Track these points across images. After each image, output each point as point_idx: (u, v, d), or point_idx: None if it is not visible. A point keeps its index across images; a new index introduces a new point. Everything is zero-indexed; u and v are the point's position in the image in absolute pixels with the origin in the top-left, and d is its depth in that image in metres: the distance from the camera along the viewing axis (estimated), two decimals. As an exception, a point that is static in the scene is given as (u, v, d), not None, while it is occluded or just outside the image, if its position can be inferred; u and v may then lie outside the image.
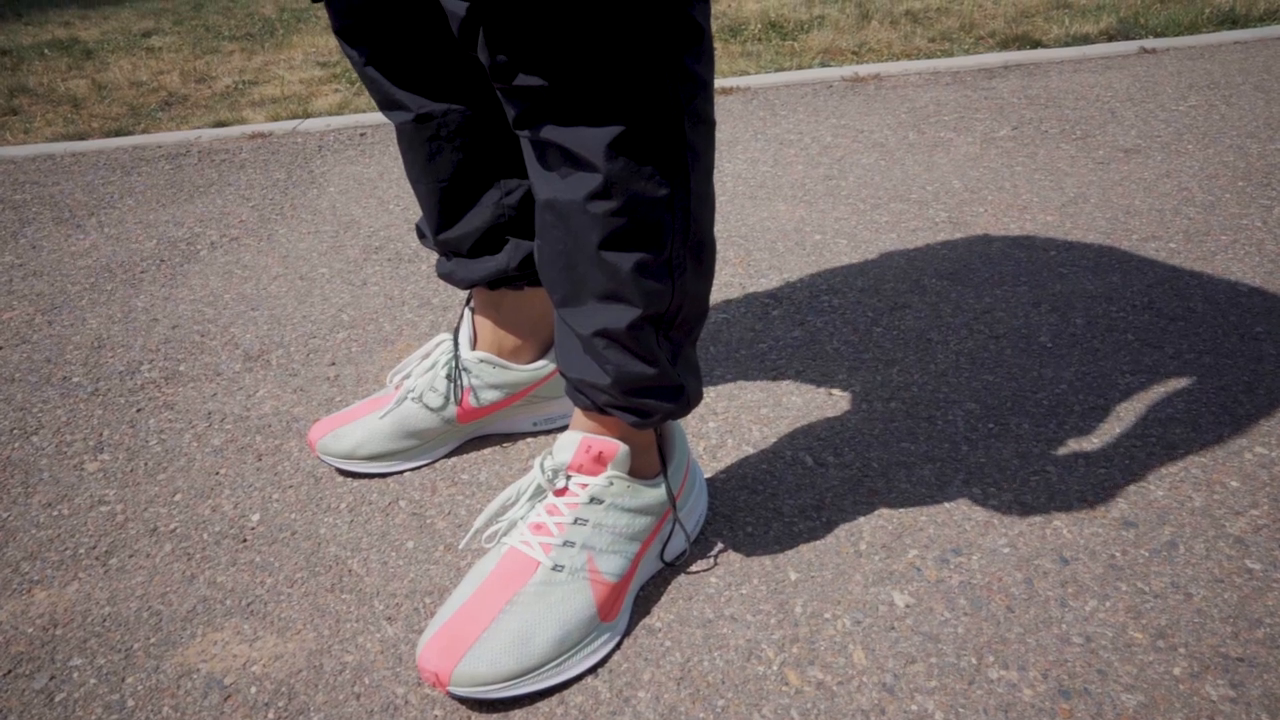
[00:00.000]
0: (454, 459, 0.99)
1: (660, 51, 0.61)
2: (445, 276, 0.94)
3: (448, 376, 0.97)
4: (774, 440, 0.99)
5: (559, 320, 0.73)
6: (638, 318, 0.68)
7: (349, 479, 0.98)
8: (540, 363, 0.99)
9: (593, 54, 0.59)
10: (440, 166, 0.87)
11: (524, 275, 0.92)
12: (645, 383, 0.71)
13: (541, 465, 0.77)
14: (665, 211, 0.65)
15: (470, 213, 0.90)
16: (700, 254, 0.70)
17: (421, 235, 0.97)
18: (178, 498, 0.97)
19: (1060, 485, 0.89)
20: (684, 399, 0.75)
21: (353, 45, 0.82)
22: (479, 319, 0.97)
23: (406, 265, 1.47)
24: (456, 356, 0.97)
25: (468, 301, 0.98)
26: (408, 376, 1.00)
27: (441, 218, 0.90)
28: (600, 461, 0.76)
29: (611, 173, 0.63)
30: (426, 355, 1.00)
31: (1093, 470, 0.91)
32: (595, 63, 0.60)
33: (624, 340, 0.69)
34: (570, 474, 0.76)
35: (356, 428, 0.97)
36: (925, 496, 0.89)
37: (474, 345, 0.98)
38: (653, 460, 0.80)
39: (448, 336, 0.99)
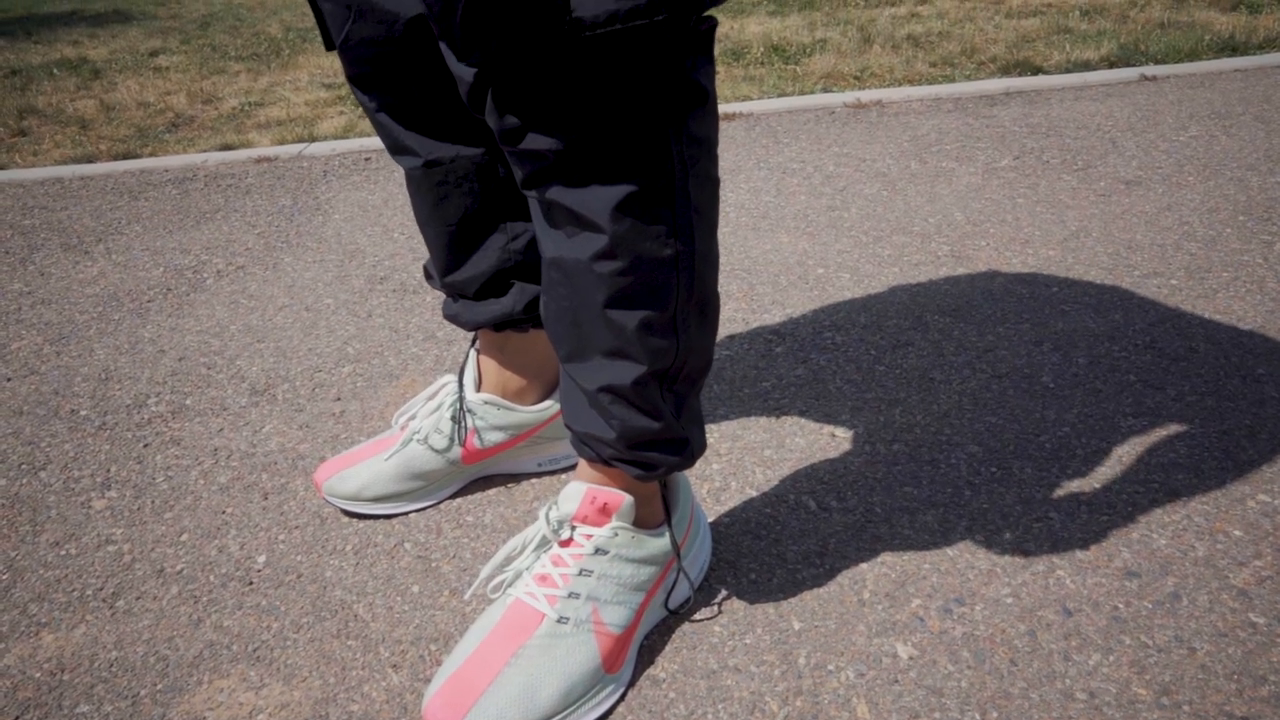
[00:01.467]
0: (459, 500, 1.00)
1: (665, 114, 0.62)
2: (451, 318, 0.95)
3: (453, 418, 0.98)
4: (777, 483, 0.99)
5: (564, 374, 0.74)
6: (643, 374, 0.69)
7: (354, 520, 0.98)
8: (545, 404, 0.99)
9: (598, 118, 0.60)
10: (448, 211, 0.88)
11: (529, 319, 0.93)
12: (650, 437, 0.72)
13: (547, 516, 0.77)
14: (670, 271, 0.66)
15: (476, 256, 0.90)
16: (704, 310, 0.71)
17: (429, 276, 0.97)
18: (184, 537, 0.98)
19: (1063, 532, 0.90)
20: (688, 452, 0.75)
21: (365, 92, 0.84)
22: (484, 360, 0.98)
23: (411, 297, 1.48)
24: (461, 398, 0.98)
25: (473, 342, 0.99)
26: (413, 418, 1.01)
27: (448, 261, 0.91)
28: (605, 512, 0.76)
29: (617, 234, 0.64)
30: (431, 396, 1.00)
31: (1095, 517, 0.91)
32: (601, 126, 0.60)
33: (629, 396, 0.70)
34: (575, 525, 0.77)
35: (362, 469, 0.97)
36: (928, 543, 0.90)
37: (479, 387, 0.98)
38: (656, 509, 0.81)
39: (453, 378, 0.99)
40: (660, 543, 0.79)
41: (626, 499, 0.76)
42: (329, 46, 0.82)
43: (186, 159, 2.32)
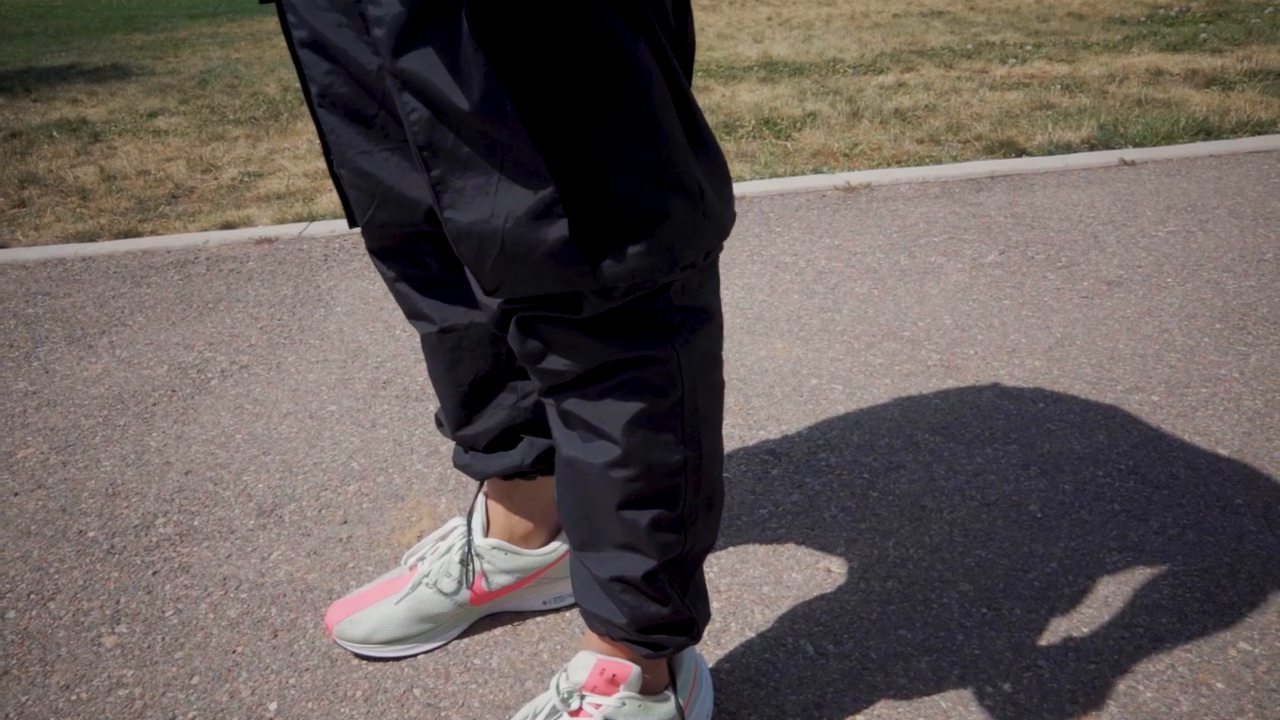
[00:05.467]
0: (466, 640, 1.02)
1: (675, 337, 0.66)
2: (462, 468, 0.98)
3: (461, 561, 1.01)
4: (775, 623, 1.02)
5: (575, 558, 0.77)
6: (653, 568, 0.72)
7: (364, 663, 1.00)
8: (551, 546, 1.02)
9: (614, 345, 0.64)
10: (461, 373, 0.91)
11: (537, 470, 0.96)
12: (660, 621, 0.75)
13: (557, 686, 0.80)
14: (680, 475, 0.70)
15: (486, 412, 0.94)
16: (711, 502, 0.74)
17: (439, 425, 1.01)
18: (195, 680, 1.00)
19: (1052, 683, 0.93)
20: (695, 631, 0.78)
21: (385, 262, 0.87)
22: (492, 505, 1.01)
23: (414, 404, 1.51)
24: (470, 542, 1.01)
25: (481, 487, 1.02)
26: (422, 559, 1.03)
27: (460, 416, 0.94)
28: (614, 683, 0.79)
29: (630, 446, 0.67)
30: (441, 539, 1.03)
31: (1083, 665, 0.94)
32: (616, 353, 0.64)
33: (640, 586, 0.73)
34: (584, 694, 0.79)
35: (372, 613, 1.00)
36: (922, 692, 0.93)
37: (487, 531, 1.01)
38: (662, 674, 0.83)
39: (462, 521, 1.02)
40: (666, 707, 0.82)
41: (634, 669, 0.79)
42: (352, 224, 0.86)
43: (187, 239, 2.36)
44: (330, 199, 2.66)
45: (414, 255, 0.85)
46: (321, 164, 3.06)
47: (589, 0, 0.51)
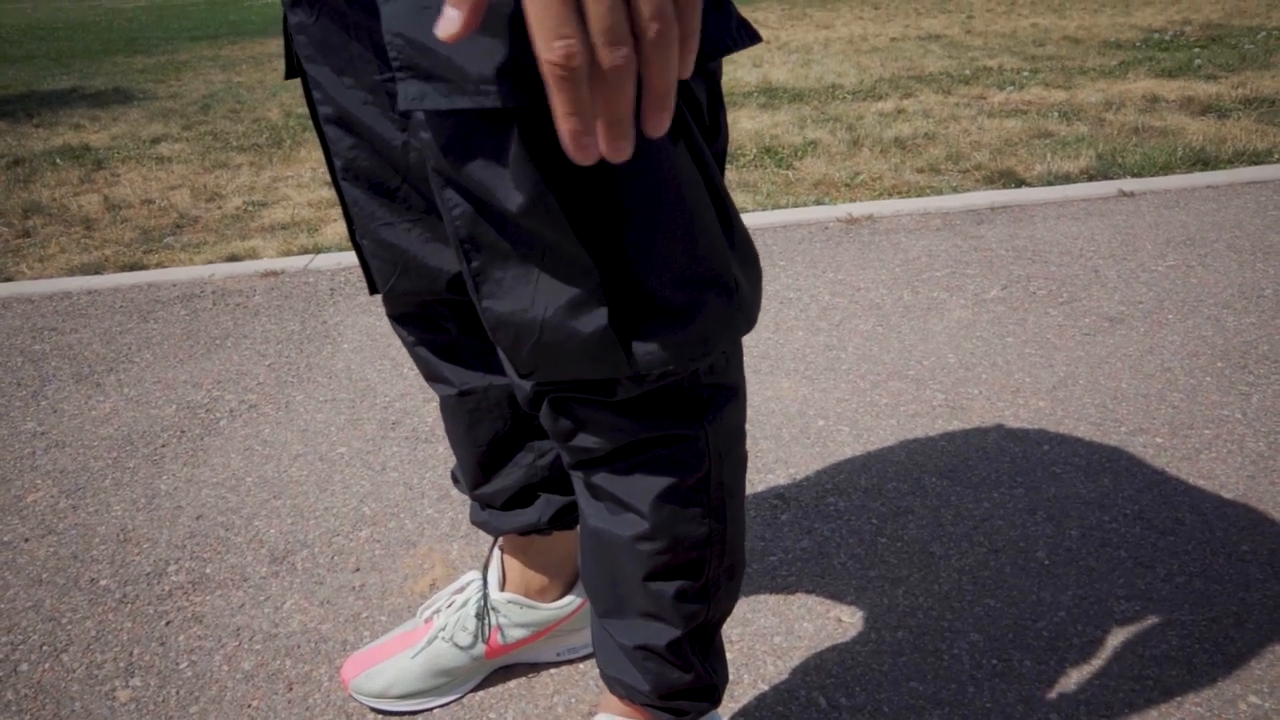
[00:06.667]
0: (480, 694, 1.03)
1: (703, 414, 0.67)
2: (480, 525, 0.99)
3: (477, 615, 1.01)
4: (788, 675, 1.03)
5: (599, 624, 0.78)
6: (677, 637, 0.73)
7: (380, 717, 1.01)
8: (565, 600, 1.03)
9: (644, 425, 0.65)
10: (479, 434, 0.92)
11: (554, 527, 0.97)
12: (682, 687, 0.76)
13: (576, 750, 0.81)
14: (705, 547, 0.71)
15: (504, 471, 0.95)
16: (733, 572, 0.75)
17: (456, 481, 1.02)
18: (211, 735, 1.00)
19: (1064, 738, 0.94)
20: (716, 696, 0.79)
21: (405, 327, 0.89)
22: (508, 559, 1.02)
23: (424, 446, 1.52)
24: (486, 596, 1.01)
25: (496, 540, 1.03)
26: (438, 612, 1.04)
27: (477, 476, 0.95)
28: (632, 747, 0.79)
29: (658, 520, 0.68)
30: (458, 592, 1.04)
31: (1094, 720, 0.95)
32: (646, 432, 0.65)
33: (663, 654, 0.74)
34: (603, 758, 0.80)
35: (388, 667, 1.00)
36: (936, 747, 0.93)
37: (503, 585, 1.02)
38: (680, 735, 0.84)
39: (477, 575, 1.03)
40: (683, 769, 0.82)
41: (652, 733, 0.80)
42: (373, 291, 0.87)
43: (193, 271, 2.37)
44: (334, 230, 2.67)
45: (434, 321, 0.87)
46: (325, 193, 3.08)
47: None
